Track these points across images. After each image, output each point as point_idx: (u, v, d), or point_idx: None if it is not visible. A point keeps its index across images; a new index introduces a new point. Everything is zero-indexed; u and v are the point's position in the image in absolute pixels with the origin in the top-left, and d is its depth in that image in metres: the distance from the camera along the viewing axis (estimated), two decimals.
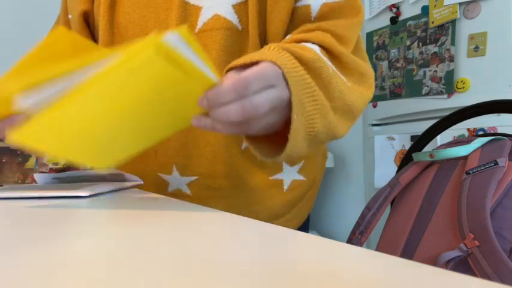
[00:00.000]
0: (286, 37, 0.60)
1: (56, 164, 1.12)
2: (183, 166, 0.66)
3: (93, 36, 0.73)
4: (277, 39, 0.61)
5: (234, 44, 0.61)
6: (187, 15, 0.62)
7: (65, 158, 0.39)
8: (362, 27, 1.69)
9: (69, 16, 0.73)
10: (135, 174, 0.69)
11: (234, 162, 0.65)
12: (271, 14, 0.60)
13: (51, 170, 1.12)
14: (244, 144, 0.65)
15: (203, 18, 0.61)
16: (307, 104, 0.48)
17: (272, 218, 0.70)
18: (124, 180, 0.68)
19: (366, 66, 0.62)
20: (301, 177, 0.72)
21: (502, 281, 0.57)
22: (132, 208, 0.40)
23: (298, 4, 0.61)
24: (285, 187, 0.70)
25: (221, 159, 0.64)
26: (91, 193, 0.50)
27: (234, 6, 0.60)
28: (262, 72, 0.42)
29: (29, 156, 1.10)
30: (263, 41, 0.62)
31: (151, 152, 0.68)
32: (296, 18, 0.62)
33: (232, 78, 0.40)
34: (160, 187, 0.69)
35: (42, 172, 1.10)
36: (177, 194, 0.68)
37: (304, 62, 0.49)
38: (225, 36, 0.60)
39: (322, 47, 0.57)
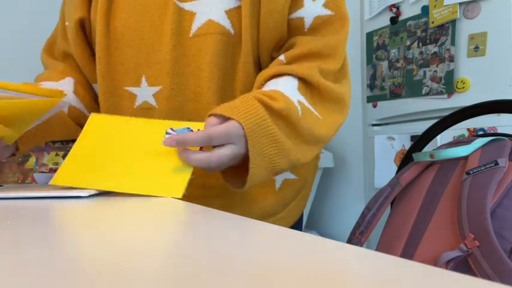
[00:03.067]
0: (275, 60, 0.66)
1: (56, 163, 1.12)
2: None
3: (89, 42, 0.76)
4: (269, 46, 0.66)
5: (227, 48, 0.65)
6: (181, 20, 0.65)
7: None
8: (362, 27, 1.70)
9: (66, 23, 0.76)
10: None
11: None
12: (264, 23, 0.64)
13: (51, 170, 1.12)
14: None
15: (197, 24, 0.65)
16: (268, 150, 0.57)
17: (265, 216, 0.72)
18: None
19: (343, 92, 0.68)
20: (292, 177, 0.74)
21: (502, 281, 0.57)
22: (131, 208, 0.40)
23: (292, 16, 0.65)
24: (277, 186, 0.72)
25: None
26: (91, 193, 0.50)
27: (226, 11, 0.64)
28: (226, 132, 0.53)
29: (29, 156, 1.10)
30: (256, 46, 0.66)
31: None
32: (290, 29, 0.66)
33: (201, 132, 0.53)
34: None
35: (42, 172, 1.10)
36: None
37: (275, 111, 0.57)
38: (218, 40, 0.64)
39: (303, 79, 0.63)
